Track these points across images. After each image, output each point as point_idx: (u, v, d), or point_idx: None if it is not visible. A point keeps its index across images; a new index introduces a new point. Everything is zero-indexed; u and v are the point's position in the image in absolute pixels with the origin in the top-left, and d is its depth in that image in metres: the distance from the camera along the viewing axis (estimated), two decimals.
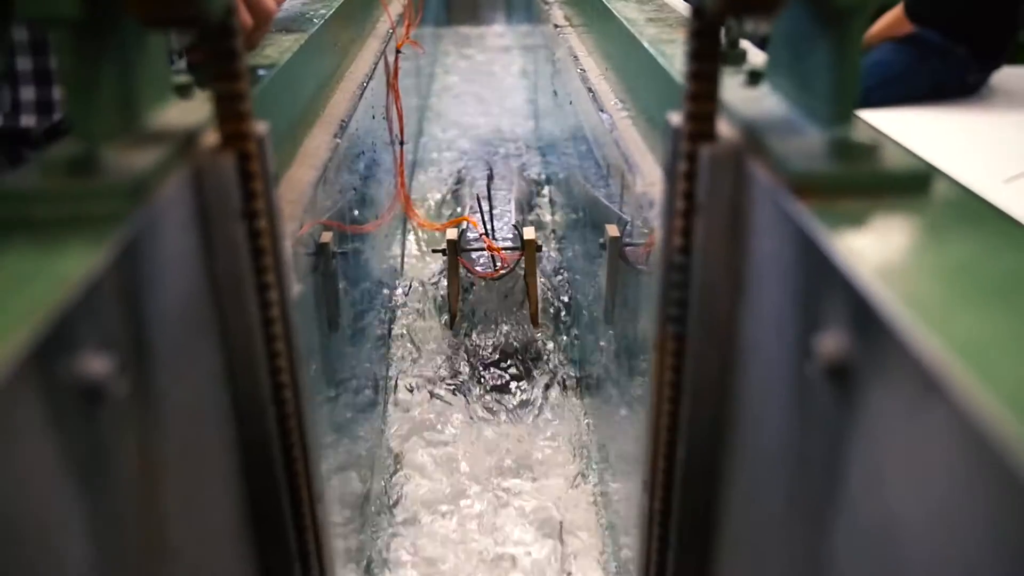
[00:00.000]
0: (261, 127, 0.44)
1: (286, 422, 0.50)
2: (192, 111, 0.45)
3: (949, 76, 2.36)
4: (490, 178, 1.50)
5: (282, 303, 0.48)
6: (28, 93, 0.63)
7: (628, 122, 0.76)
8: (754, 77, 0.49)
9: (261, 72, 0.63)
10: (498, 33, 3.26)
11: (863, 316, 0.29)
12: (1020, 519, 0.21)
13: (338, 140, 0.72)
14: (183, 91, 0.47)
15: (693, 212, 0.44)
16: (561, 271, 1.32)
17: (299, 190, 0.61)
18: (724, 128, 0.43)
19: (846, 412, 0.31)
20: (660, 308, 0.49)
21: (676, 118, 0.45)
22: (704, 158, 0.42)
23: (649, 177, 0.62)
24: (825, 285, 0.32)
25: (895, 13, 2.34)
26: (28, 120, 0.65)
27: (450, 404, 1.06)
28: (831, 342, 0.31)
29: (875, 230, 0.33)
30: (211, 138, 0.43)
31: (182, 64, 0.55)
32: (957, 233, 0.33)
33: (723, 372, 0.45)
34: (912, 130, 2.17)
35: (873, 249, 0.31)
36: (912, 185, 0.36)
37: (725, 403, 0.46)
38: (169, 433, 0.37)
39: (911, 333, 0.26)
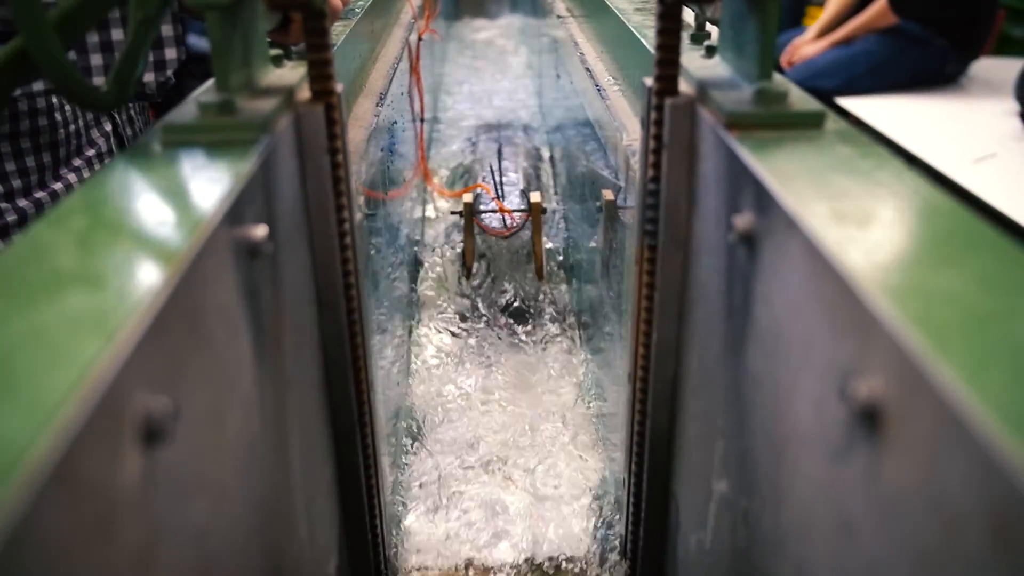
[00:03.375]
0: (340, 86, 0.59)
1: (352, 315, 0.65)
2: (286, 75, 0.60)
3: (929, 66, 2.50)
4: (499, 150, 1.65)
5: (351, 222, 0.63)
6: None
7: (619, 94, 0.91)
8: (710, 51, 0.64)
9: None
10: (504, 24, 3.42)
11: (762, 200, 0.44)
12: (846, 310, 0.35)
13: (379, 108, 0.88)
14: (276, 61, 0.63)
15: (661, 149, 0.59)
16: (563, 231, 1.48)
17: (354, 143, 0.76)
18: (683, 86, 0.58)
19: (752, 265, 0.46)
20: (639, 226, 0.64)
21: (649, 80, 0.60)
22: (668, 108, 0.57)
23: (634, 134, 0.78)
24: (742, 184, 0.47)
25: (880, 6, 2.48)
26: (148, 76, 0.82)
27: (466, 340, 1.21)
28: (743, 219, 0.46)
29: (777, 149, 0.48)
30: (305, 93, 0.58)
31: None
32: (834, 151, 0.48)
33: (683, 268, 0.61)
34: (893, 116, 2.32)
35: (774, 160, 0.46)
36: (810, 121, 0.51)
37: (685, 291, 0.61)
38: (285, 297, 0.53)
39: (788, 205, 0.41)
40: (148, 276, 0.34)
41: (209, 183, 0.44)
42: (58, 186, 0.86)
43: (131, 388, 0.30)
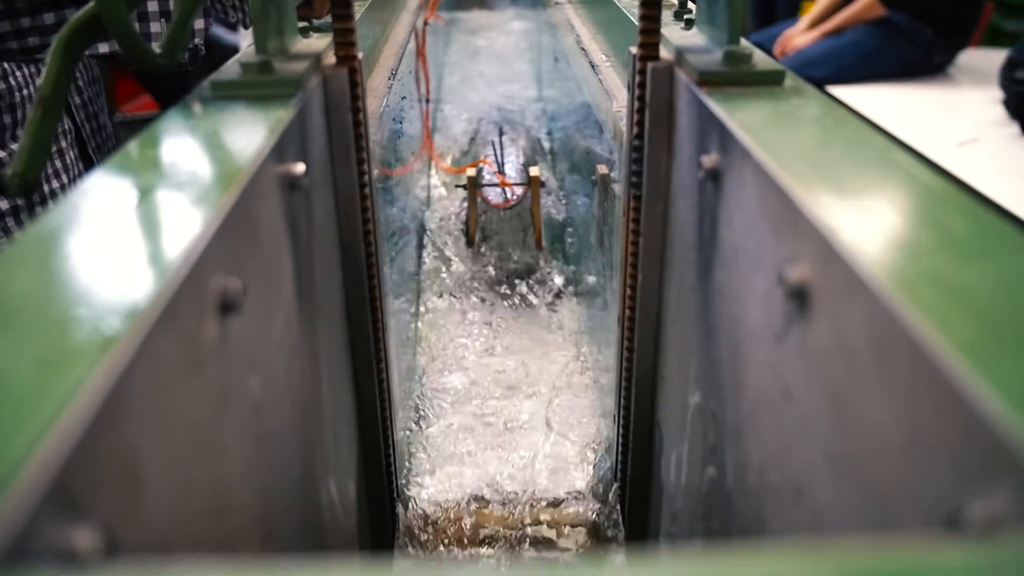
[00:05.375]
0: (360, 53, 0.67)
1: (370, 259, 0.73)
2: (313, 43, 0.68)
3: (917, 56, 2.58)
4: (500, 130, 1.74)
5: (369, 175, 0.71)
6: (157, 27, 0.88)
7: (612, 70, 0.99)
8: (688, 23, 0.72)
9: None
10: (504, 15, 3.49)
11: (725, 140, 0.52)
12: (785, 216, 0.43)
13: (391, 82, 0.96)
14: (304, 32, 0.71)
15: (644, 109, 0.67)
16: (560, 205, 1.56)
17: (370, 110, 0.84)
18: (664, 53, 0.66)
19: (717, 196, 0.54)
20: (625, 179, 0.72)
21: (633, 48, 0.68)
22: (650, 71, 0.65)
23: (623, 102, 0.85)
24: (710, 131, 0.55)
25: None
26: None
27: (469, 306, 1.30)
28: (710, 158, 0.54)
29: (741, 100, 0.56)
30: (330, 58, 0.66)
31: None
32: (789, 102, 0.56)
33: (664, 213, 0.69)
34: (882, 103, 2.40)
35: (737, 109, 0.54)
36: (771, 79, 0.59)
37: (666, 233, 0.69)
38: (315, 234, 0.61)
39: (744, 140, 0.49)
40: (215, 191, 0.42)
41: (255, 126, 0.52)
42: (15, 147, 0.94)
43: (210, 269, 0.38)
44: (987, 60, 2.67)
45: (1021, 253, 0.34)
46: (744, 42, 0.63)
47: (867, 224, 0.37)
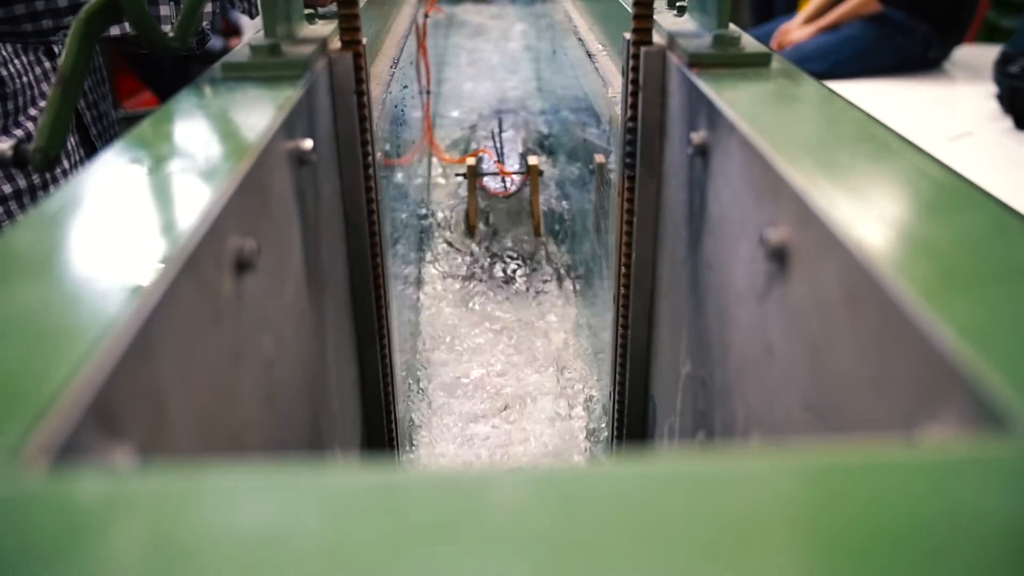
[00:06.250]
0: (364, 39, 0.70)
1: (373, 238, 0.75)
2: (319, 29, 0.71)
3: (912, 51, 2.61)
4: (500, 123, 1.77)
5: (373, 156, 0.73)
6: (166, 9, 0.89)
7: (608, 58, 1.02)
8: (680, 10, 0.75)
9: None
10: (504, 9, 3.51)
11: (713, 117, 0.55)
12: (767, 183, 0.46)
13: (393, 71, 0.98)
14: (310, 18, 0.73)
15: (638, 91, 0.70)
16: (558, 195, 1.59)
17: (373, 95, 0.87)
18: (656, 38, 0.69)
19: (706, 171, 0.56)
20: (619, 160, 0.74)
21: (627, 34, 0.70)
22: (643, 55, 0.68)
23: (618, 88, 0.88)
24: (699, 109, 0.58)
25: None
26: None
27: (469, 292, 1.32)
28: (699, 135, 0.57)
29: (729, 80, 0.59)
30: (336, 43, 0.69)
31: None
32: (775, 82, 0.59)
33: (657, 193, 0.71)
34: (877, 98, 2.42)
35: (724, 88, 0.57)
36: (758, 61, 0.62)
37: (658, 210, 0.72)
38: (321, 211, 0.63)
39: (730, 115, 0.52)
40: (229, 162, 0.45)
41: (265, 104, 0.55)
42: (19, 132, 0.96)
43: (227, 229, 0.40)
44: (982, 56, 2.70)
45: (978, 209, 0.36)
46: (733, 27, 0.65)
47: (841, 187, 0.40)
